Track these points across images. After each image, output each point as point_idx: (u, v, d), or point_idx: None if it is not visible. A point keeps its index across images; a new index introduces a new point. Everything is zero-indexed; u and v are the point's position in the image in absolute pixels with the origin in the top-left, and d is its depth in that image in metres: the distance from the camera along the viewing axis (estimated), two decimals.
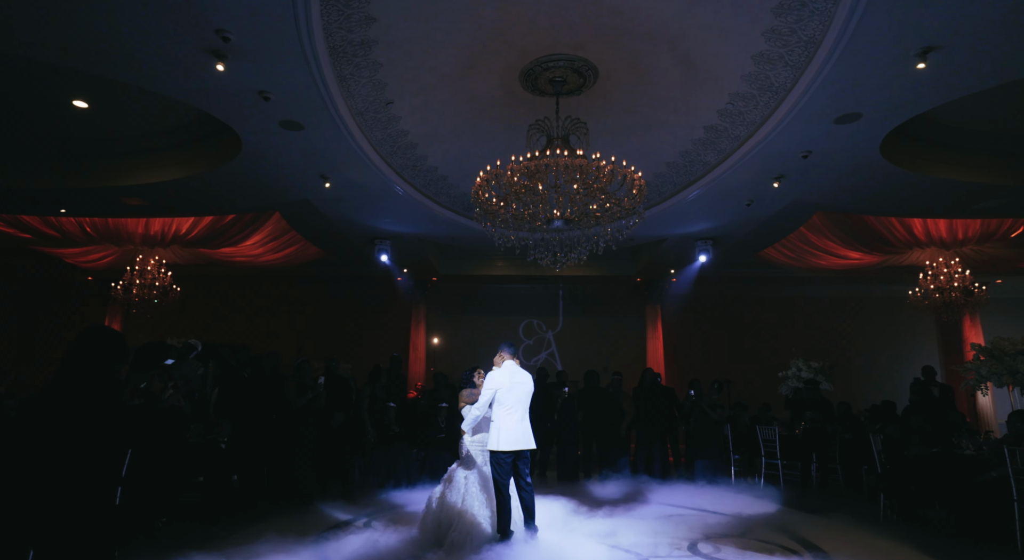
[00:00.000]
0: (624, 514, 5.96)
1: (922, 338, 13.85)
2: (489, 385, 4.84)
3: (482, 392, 4.86)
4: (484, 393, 4.84)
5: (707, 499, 6.84)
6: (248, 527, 5.21)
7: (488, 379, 4.88)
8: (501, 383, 4.82)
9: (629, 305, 14.18)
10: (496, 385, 4.82)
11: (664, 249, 11.05)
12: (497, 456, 4.67)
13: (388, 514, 5.84)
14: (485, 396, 4.83)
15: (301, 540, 4.79)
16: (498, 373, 4.91)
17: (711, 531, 5.44)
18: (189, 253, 10.60)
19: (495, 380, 4.85)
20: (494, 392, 4.82)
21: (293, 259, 11.28)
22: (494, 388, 4.82)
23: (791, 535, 5.35)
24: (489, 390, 4.83)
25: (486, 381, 4.88)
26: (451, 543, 4.48)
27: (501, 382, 4.83)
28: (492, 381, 4.84)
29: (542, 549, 4.53)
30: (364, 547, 4.67)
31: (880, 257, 10.74)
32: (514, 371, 4.99)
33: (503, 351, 5.15)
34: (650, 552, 4.69)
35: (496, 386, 4.82)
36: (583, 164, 5.44)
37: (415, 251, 11.14)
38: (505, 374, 4.90)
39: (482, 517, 4.66)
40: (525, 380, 5.01)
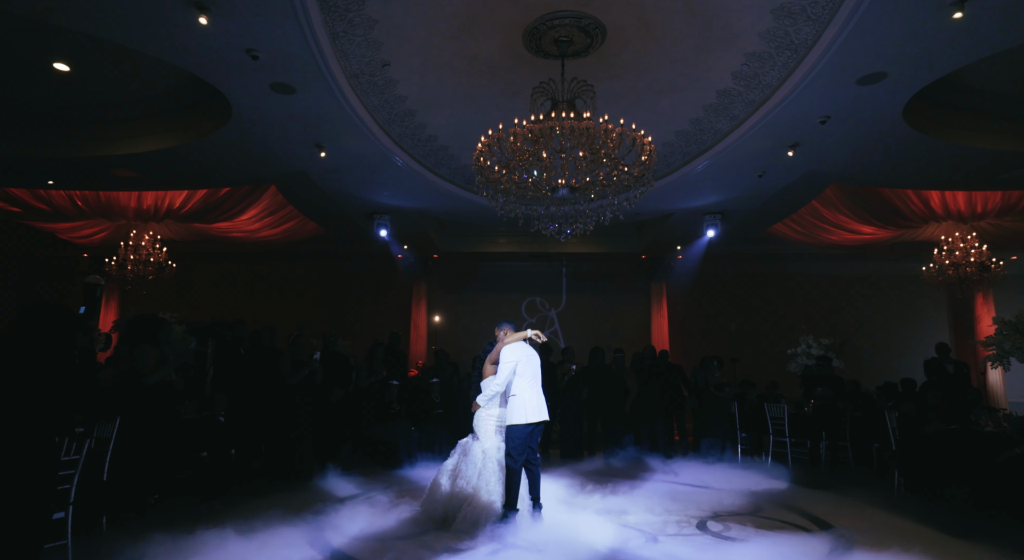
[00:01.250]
0: (629, 492, 5.78)
1: (932, 316, 13.60)
2: (508, 359, 4.70)
3: (500, 367, 4.70)
4: (504, 367, 4.69)
5: (714, 477, 6.67)
6: (246, 503, 5.05)
7: (505, 353, 4.73)
8: (519, 357, 4.70)
9: (633, 283, 13.94)
10: (515, 358, 4.70)
11: (670, 224, 10.77)
12: (515, 429, 4.52)
13: (389, 490, 5.67)
14: (506, 369, 4.68)
15: (300, 516, 4.62)
16: (513, 347, 4.77)
17: (720, 509, 5.26)
18: (184, 228, 10.35)
19: (513, 353, 4.72)
20: (515, 364, 4.68)
21: (291, 235, 11.03)
22: (514, 361, 4.69)
23: (802, 513, 5.17)
24: (509, 363, 4.68)
25: (503, 355, 4.73)
26: (462, 520, 4.33)
27: (518, 356, 4.71)
28: (510, 354, 4.71)
29: (549, 526, 4.36)
30: (365, 523, 4.50)
31: (894, 232, 10.44)
32: (523, 345, 4.85)
33: (506, 327, 5.01)
34: (658, 530, 4.51)
35: (515, 359, 4.69)
36: (590, 127, 5.15)
37: (415, 226, 10.88)
38: (518, 348, 4.77)
39: (496, 495, 4.50)
40: (534, 353, 4.90)
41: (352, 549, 3.95)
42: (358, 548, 3.98)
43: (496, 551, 3.88)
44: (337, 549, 3.94)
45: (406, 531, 4.42)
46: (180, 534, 3.97)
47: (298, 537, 4.16)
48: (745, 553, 3.92)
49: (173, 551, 3.73)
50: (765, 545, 4.07)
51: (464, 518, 4.34)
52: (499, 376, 4.70)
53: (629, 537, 4.25)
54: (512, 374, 4.68)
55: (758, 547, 4.03)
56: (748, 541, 4.21)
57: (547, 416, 4.68)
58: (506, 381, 4.68)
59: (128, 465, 4.41)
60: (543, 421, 4.66)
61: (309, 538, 4.15)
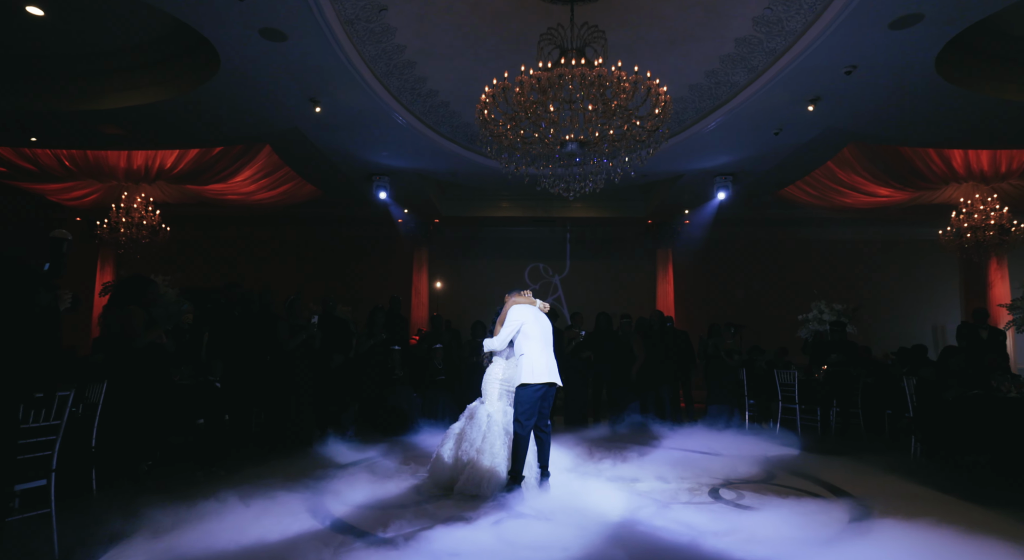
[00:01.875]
0: (638, 459, 5.63)
1: (943, 282, 13.37)
2: (514, 318, 4.49)
3: (506, 325, 4.50)
4: (508, 326, 4.49)
5: (723, 444, 6.52)
6: (244, 469, 4.90)
7: (512, 312, 4.53)
8: (525, 317, 4.49)
9: (639, 248, 13.68)
10: (521, 318, 4.49)
11: (679, 187, 10.43)
12: (525, 390, 4.32)
13: (392, 457, 5.52)
14: (509, 328, 4.48)
15: (300, 483, 4.45)
16: (520, 307, 4.56)
17: (731, 476, 5.10)
18: (177, 191, 10.04)
19: (519, 313, 4.51)
20: (520, 324, 4.47)
21: (288, 198, 10.72)
22: (520, 320, 4.48)
23: (816, 480, 5.00)
24: (515, 322, 4.47)
25: (509, 314, 4.53)
26: (463, 484, 4.17)
27: (525, 316, 4.50)
28: (517, 314, 4.50)
29: (557, 495, 4.20)
30: (366, 491, 4.34)
31: (911, 194, 10.12)
32: (533, 308, 4.65)
33: (513, 294, 4.78)
34: (670, 498, 4.34)
35: (522, 319, 4.48)
36: (602, 74, 4.80)
37: (415, 189, 10.55)
38: (527, 310, 4.57)
39: (500, 460, 4.32)
40: (544, 316, 4.70)
41: (352, 517, 3.78)
42: (358, 516, 3.81)
43: (501, 520, 3.70)
44: (337, 517, 3.77)
45: (408, 499, 4.25)
46: (175, 502, 3.79)
47: (298, 505, 3.99)
48: (761, 521, 3.74)
49: (167, 519, 3.55)
50: (782, 513, 3.89)
51: (465, 482, 4.18)
52: (500, 334, 4.51)
53: (641, 505, 4.08)
54: (516, 333, 4.48)
55: (774, 516, 3.85)
56: (764, 509, 4.04)
57: (558, 380, 4.48)
58: (506, 340, 4.49)
59: (118, 430, 4.23)
60: (554, 385, 4.46)
61: (309, 506, 3.98)
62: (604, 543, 3.33)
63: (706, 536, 3.44)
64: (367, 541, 3.29)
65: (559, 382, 4.48)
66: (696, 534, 3.48)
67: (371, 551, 3.09)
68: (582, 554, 3.15)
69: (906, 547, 3.28)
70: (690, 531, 3.54)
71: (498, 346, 4.54)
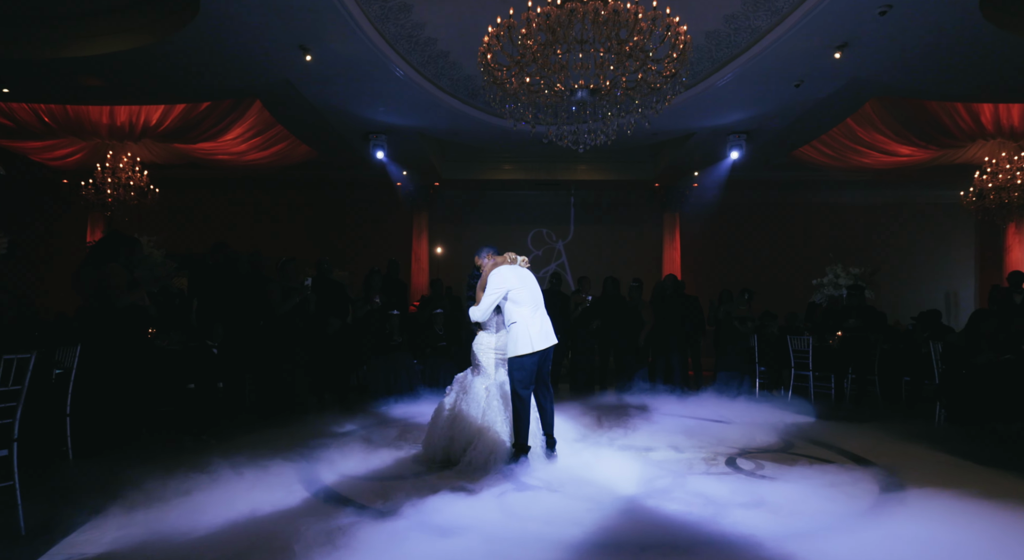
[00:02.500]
0: (649, 428, 5.38)
1: (958, 247, 13.02)
2: (497, 284, 4.07)
3: (488, 292, 4.09)
4: (489, 295, 4.07)
5: (735, 412, 6.28)
6: (235, 438, 4.64)
7: (493, 278, 4.10)
8: (510, 282, 4.08)
9: (645, 213, 13.27)
10: (506, 284, 4.07)
11: (690, 146, 9.98)
12: (519, 360, 3.98)
13: (388, 427, 5.26)
14: (492, 296, 4.07)
15: (293, 453, 4.20)
16: (503, 271, 4.13)
17: (748, 445, 4.85)
18: (165, 150, 9.60)
19: (502, 278, 4.08)
20: (505, 291, 4.08)
21: (282, 159, 10.29)
22: (504, 287, 4.07)
23: (837, 449, 4.75)
24: (498, 289, 4.07)
25: (491, 280, 4.10)
26: (470, 462, 3.89)
27: (509, 280, 4.08)
28: (500, 280, 4.07)
29: (566, 466, 3.94)
30: (362, 462, 4.09)
31: (934, 153, 9.67)
32: (515, 268, 4.23)
33: (487, 252, 4.36)
34: (686, 469, 4.09)
35: (507, 285, 4.07)
36: (617, 9, 4.36)
37: (414, 150, 10.10)
38: (510, 271, 4.14)
39: (504, 434, 4.04)
40: (529, 275, 4.27)
41: (348, 488, 3.53)
42: (354, 487, 3.56)
43: (506, 492, 3.45)
44: (331, 489, 3.52)
45: (407, 469, 4.00)
46: (159, 472, 3.53)
47: (291, 475, 3.74)
48: (787, 493, 3.48)
49: (148, 492, 3.29)
50: (807, 485, 3.63)
51: (471, 461, 3.89)
52: (483, 303, 4.09)
53: (655, 476, 3.82)
54: (501, 299, 4.07)
55: (800, 487, 3.59)
56: (787, 480, 3.78)
57: (555, 340, 4.15)
58: (489, 309, 4.09)
59: (97, 397, 3.96)
60: (551, 347, 4.13)
61: (302, 476, 3.73)
62: (619, 518, 3.07)
63: (729, 509, 3.18)
64: (364, 514, 3.03)
65: (554, 343, 4.14)
66: (717, 508, 3.22)
67: (368, 525, 2.83)
68: (596, 529, 2.89)
69: (948, 519, 3.02)
70: (710, 504, 3.28)
71: (482, 316, 4.16)
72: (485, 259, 4.35)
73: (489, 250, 4.37)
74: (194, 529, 2.75)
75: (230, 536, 2.72)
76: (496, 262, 4.24)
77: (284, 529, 2.76)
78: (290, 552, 2.51)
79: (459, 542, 2.68)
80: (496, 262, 4.24)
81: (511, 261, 4.26)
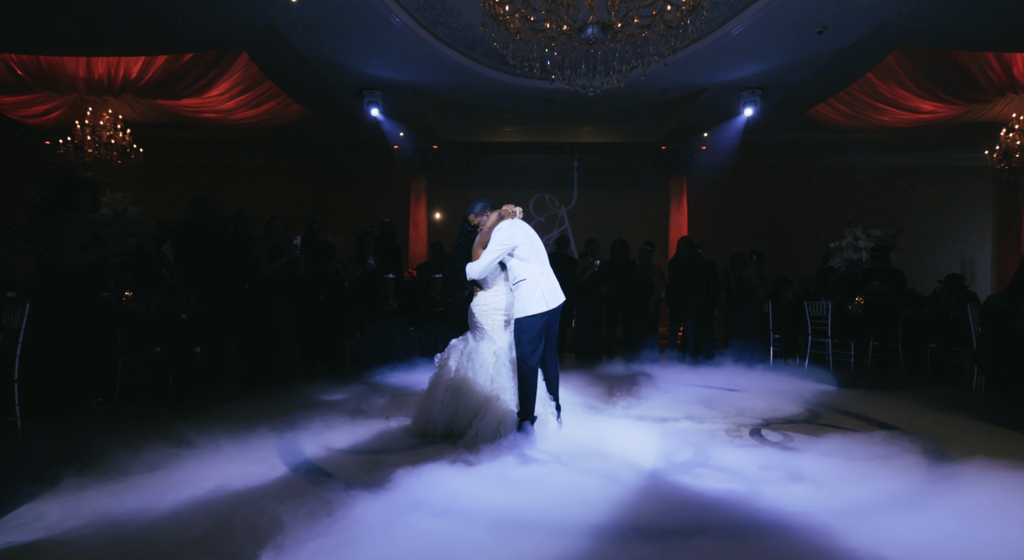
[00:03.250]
0: (662, 397, 5.02)
1: (975, 212, 12.57)
2: (503, 240, 3.67)
3: (490, 249, 3.68)
4: (492, 252, 3.67)
5: (752, 381, 5.94)
6: (215, 408, 4.27)
7: (498, 233, 3.70)
8: (516, 238, 3.69)
9: (651, 177, 12.78)
10: (512, 240, 3.68)
11: (701, 104, 9.44)
12: (530, 320, 3.61)
13: (382, 397, 4.90)
14: (493, 255, 3.67)
15: (276, 424, 3.84)
16: (507, 226, 3.73)
17: (771, 416, 4.51)
18: (148, 107, 9.07)
19: (508, 234, 3.68)
20: (510, 248, 3.68)
21: (273, 118, 9.76)
22: (509, 244, 3.67)
23: (868, 419, 4.41)
24: (503, 245, 3.67)
25: (495, 237, 3.70)
26: (476, 433, 3.52)
27: (515, 236, 3.69)
28: (505, 236, 3.67)
29: (578, 438, 3.58)
30: (351, 434, 3.74)
31: (960, 109, 9.13)
32: (519, 223, 3.84)
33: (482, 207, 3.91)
34: (707, 441, 3.73)
35: (513, 242, 3.68)
36: None
37: (411, 109, 9.57)
38: (515, 227, 3.75)
39: (512, 403, 3.67)
40: (532, 231, 3.88)
41: (333, 463, 3.17)
42: (341, 462, 3.20)
43: (512, 467, 3.09)
44: (315, 463, 3.16)
45: (400, 443, 3.64)
46: (125, 443, 3.18)
47: (271, 448, 3.39)
48: (824, 467, 3.12)
49: (111, 463, 2.94)
50: (845, 458, 3.27)
51: (479, 431, 3.52)
52: (483, 259, 3.68)
53: (675, 449, 3.47)
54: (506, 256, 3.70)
55: (838, 461, 3.23)
56: (821, 453, 3.42)
57: (563, 297, 3.78)
58: (488, 267, 3.70)
59: (48, 361, 3.57)
60: (560, 306, 3.76)
61: (284, 450, 3.38)
62: (639, 496, 2.71)
63: (764, 485, 2.83)
64: (350, 491, 2.67)
65: (564, 298, 3.78)
66: (751, 483, 2.87)
67: (354, 504, 2.48)
68: (613, 510, 2.53)
69: (1014, 492, 2.67)
70: (742, 480, 2.93)
71: (481, 274, 3.75)
72: (483, 215, 3.92)
73: (484, 204, 3.93)
74: (152, 508, 2.40)
75: (195, 517, 2.37)
76: (501, 214, 3.83)
77: (257, 509, 2.40)
78: (260, 535, 2.15)
79: (458, 525, 2.32)
80: (501, 214, 3.83)
81: (512, 214, 3.85)
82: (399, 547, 2.12)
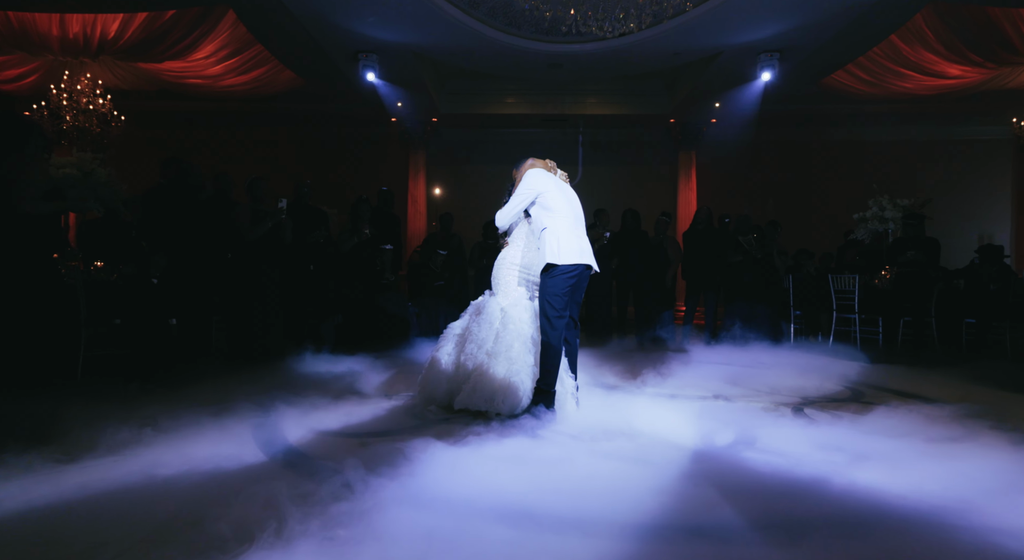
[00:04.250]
0: (687, 375, 4.58)
1: (993, 188, 12.14)
2: (530, 185, 3.36)
3: (518, 193, 3.39)
4: (518, 195, 3.38)
5: (780, 359, 5.50)
6: (188, 387, 3.81)
7: (528, 178, 3.38)
8: (545, 185, 3.36)
9: (659, 151, 12.26)
10: (538, 186, 3.35)
11: (715, 69, 8.90)
12: (553, 276, 3.21)
13: (377, 374, 4.44)
14: (518, 198, 3.38)
15: (253, 405, 3.37)
16: (539, 172, 3.42)
17: (809, 394, 4.06)
18: (130, 72, 8.51)
19: (536, 179, 3.37)
20: (536, 194, 3.34)
21: (263, 86, 9.22)
22: (536, 189, 3.35)
23: (920, 397, 3.96)
24: (529, 190, 3.35)
25: (524, 180, 3.39)
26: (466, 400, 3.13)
27: (545, 183, 3.36)
28: (534, 181, 3.36)
29: (602, 418, 3.14)
30: (342, 415, 3.29)
31: (986, 74, 8.66)
32: (554, 177, 3.51)
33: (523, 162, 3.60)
34: (746, 421, 3.27)
35: (539, 187, 3.35)
36: None
37: (409, 74, 9.01)
38: (547, 175, 3.44)
39: (521, 367, 3.22)
40: (570, 190, 3.55)
41: (318, 448, 2.72)
42: (327, 446, 2.74)
43: (528, 451, 2.64)
44: (297, 448, 2.71)
45: (397, 423, 3.18)
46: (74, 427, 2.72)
47: (246, 431, 2.91)
48: (895, 449, 2.67)
49: (40, 451, 2.47)
50: (914, 440, 2.82)
51: (470, 394, 3.10)
52: (507, 206, 3.43)
53: (713, 429, 3.01)
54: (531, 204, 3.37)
55: (907, 443, 2.77)
56: (882, 434, 2.96)
57: (594, 263, 3.37)
58: (517, 210, 3.41)
59: None
60: (590, 269, 3.35)
61: (261, 433, 2.91)
62: (684, 484, 2.26)
63: (834, 468, 2.37)
64: (335, 480, 2.20)
65: (595, 266, 3.38)
66: (815, 466, 2.41)
67: (340, 496, 2.03)
68: (656, 502, 2.07)
69: None
70: (802, 463, 2.48)
71: (505, 221, 3.46)
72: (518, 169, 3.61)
73: (526, 159, 3.62)
74: (97, 493, 1.94)
75: (147, 506, 1.91)
76: (533, 164, 3.50)
77: (221, 503, 1.95)
78: (219, 535, 1.70)
79: (466, 523, 1.87)
80: (533, 164, 3.50)
81: (551, 169, 3.55)
82: (394, 552, 1.67)
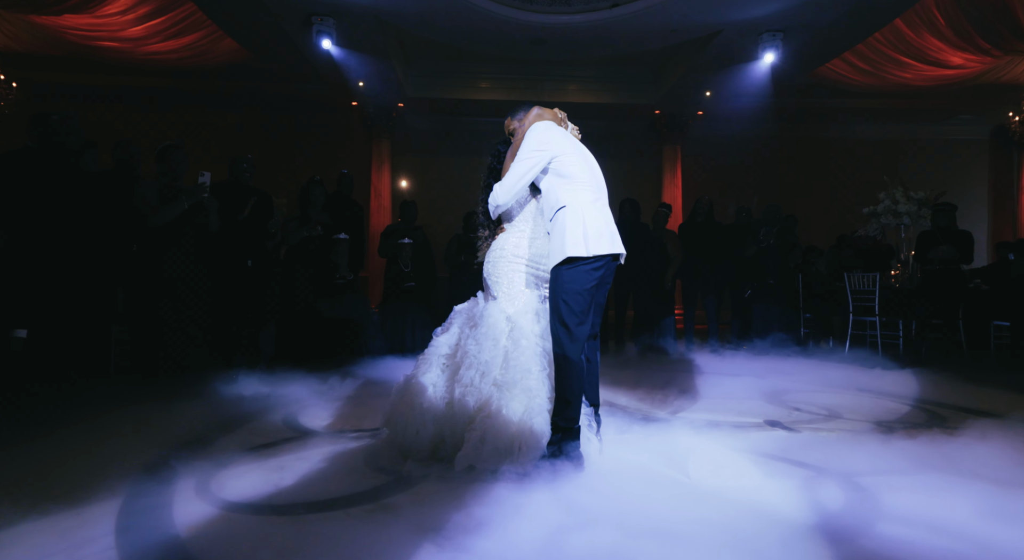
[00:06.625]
0: (718, 394, 3.72)
1: (971, 187, 12.12)
2: (540, 144, 2.33)
3: (523, 155, 2.33)
4: (526, 159, 2.32)
5: (805, 370, 4.75)
6: (38, 436, 2.73)
7: (534, 134, 2.36)
8: (558, 143, 2.35)
9: (643, 145, 11.59)
10: (551, 145, 2.33)
11: (712, 50, 8.17)
12: (575, 272, 2.21)
13: (328, 403, 3.41)
14: (527, 163, 2.32)
15: (132, 463, 2.33)
16: (548, 126, 2.41)
17: (879, 418, 3.24)
18: (22, 28, 7.00)
19: (547, 135, 2.36)
20: (550, 156, 2.32)
21: (199, 55, 8.02)
22: (549, 150, 2.32)
23: (992, 415, 3.17)
24: (540, 152, 2.32)
25: (529, 137, 2.36)
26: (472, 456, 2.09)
27: (556, 140, 2.36)
28: (543, 136, 2.35)
29: (640, 462, 2.22)
30: (272, 472, 2.28)
31: (988, 64, 8.33)
32: (567, 132, 2.51)
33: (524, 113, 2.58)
34: (842, 463, 2.39)
35: (555, 149, 2.33)
36: None
37: (371, 44, 7.93)
38: (559, 132, 2.42)
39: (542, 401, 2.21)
40: (585, 149, 2.53)
41: (222, 546, 1.71)
42: (240, 538, 1.74)
43: (560, 531, 1.71)
44: (187, 547, 1.70)
45: (355, 483, 2.16)
46: None
47: (108, 516, 1.89)
48: None
49: None
50: None
51: (477, 448, 2.08)
52: (511, 173, 2.35)
53: (806, 483, 2.12)
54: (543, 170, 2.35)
55: None
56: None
57: (623, 250, 2.38)
58: (517, 184, 2.35)
59: None
60: (617, 259, 2.39)
61: (133, 518, 1.89)
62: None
63: None
64: None
65: (624, 253, 2.40)
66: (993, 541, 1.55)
67: None
68: None
69: None
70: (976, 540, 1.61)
71: (512, 192, 2.37)
72: (520, 121, 2.56)
73: (529, 107, 2.60)
74: None
75: None
76: (540, 114, 2.49)
77: None
78: None
79: None
80: (540, 114, 2.49)
81: (561, 121, 2.54)
82: None
